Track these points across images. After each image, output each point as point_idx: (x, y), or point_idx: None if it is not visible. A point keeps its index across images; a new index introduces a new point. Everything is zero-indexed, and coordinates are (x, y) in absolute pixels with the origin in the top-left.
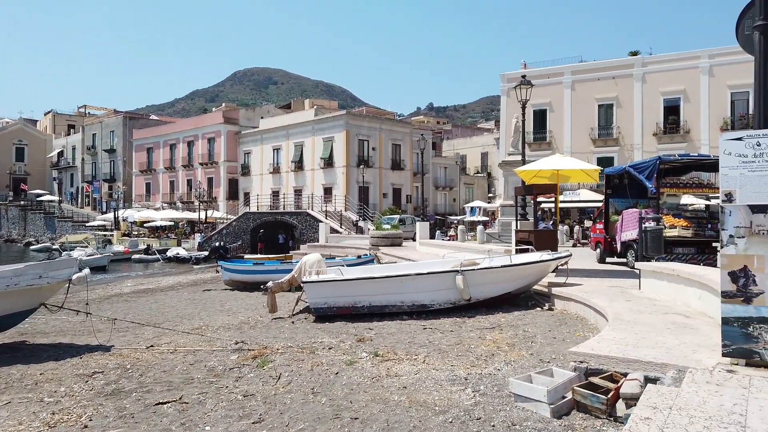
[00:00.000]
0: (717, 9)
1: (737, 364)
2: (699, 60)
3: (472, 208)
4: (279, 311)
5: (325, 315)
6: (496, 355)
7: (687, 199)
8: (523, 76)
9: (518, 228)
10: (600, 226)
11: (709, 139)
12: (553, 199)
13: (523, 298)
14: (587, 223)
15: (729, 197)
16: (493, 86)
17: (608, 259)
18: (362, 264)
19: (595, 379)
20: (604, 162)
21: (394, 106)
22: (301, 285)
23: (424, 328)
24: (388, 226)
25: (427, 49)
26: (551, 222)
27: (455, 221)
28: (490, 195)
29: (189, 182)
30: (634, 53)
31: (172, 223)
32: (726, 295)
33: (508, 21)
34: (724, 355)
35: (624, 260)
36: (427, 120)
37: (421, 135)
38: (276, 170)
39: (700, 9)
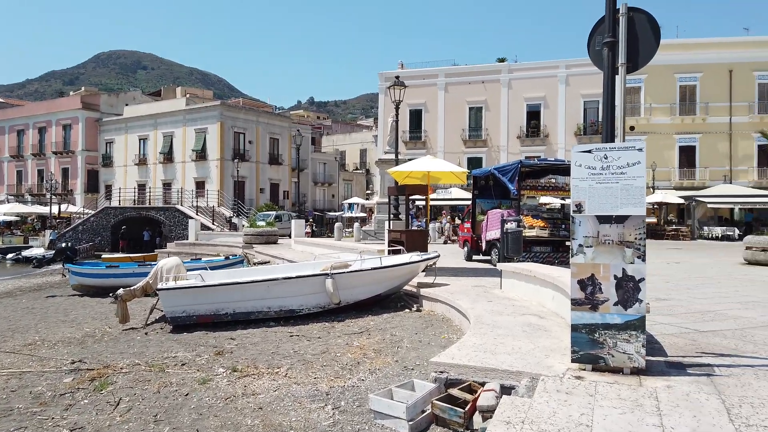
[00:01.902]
0: (575, 22)
1: (585, 370)
2: (557, 69)
3: (350, 204)
4: (132, 321)
5: (183, 324)
6: (362, 363)
7: (544, 199)
8: (397, 77)
9: (391, 228)
10: (468, 225)
11: (565, 143)
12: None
13: (393, 300)
14: (458, 221)
15: (579, 208)
16: (373, 83)
17: (475, 257)
18: (230, 266)
19: (454, 391)
20: (474, 162)
21: (275, 99)
22: (157, 292)
23: (291, 336)
24: (263, 223)
25: (310, 42)
26: (425, 220)
27: (310, 218)
28: (369, 192)
29: (40, 173)
30: (502, 60)
31: (19, 219)
32: (575, 303)
33: (389, 20)
34: (573, 360)
35: (489, 258)
36: (307, 114)
37: (297, 130)
38: (142, 162)
39: (561, 20)
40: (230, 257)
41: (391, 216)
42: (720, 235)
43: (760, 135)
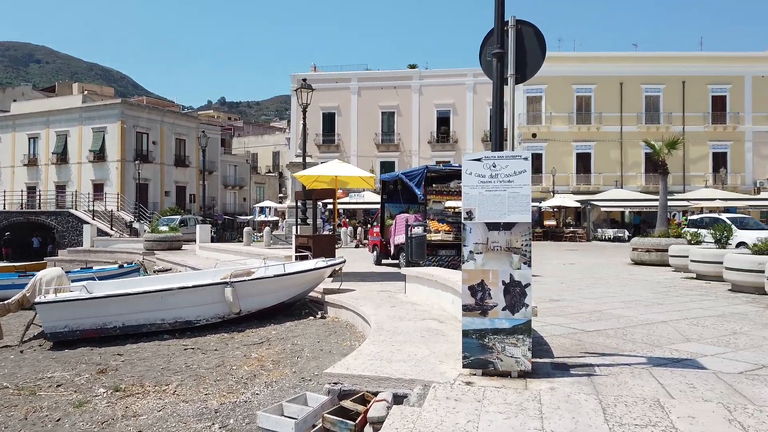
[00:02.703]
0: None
1: (475, 375)
2: (465, 78)
3: (261, 208)
4: (6, 338)
5: (65, 341)
6: (259, 375)
7: (450, 204)
8: (304, 80)
9: (298, 233)
10: (377, 229)
11: (473, 149)
12: (339, 200)
13: (298, 307)
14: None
15: (469, 215)
16: (287, 85)
17: (384, 262)
18: (124, 275)
19: (347, 403)
20: (387, 166)
21: (184, 99)
22: (34, 306)
23: (185, 349)
24: (167, 228)
25: (223, 40)
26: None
27: (219, 221)
28: (281, 195)
29: None
30: (413, 66)
31: None
32: (466, 309)
33: (303, 20)
34: (464, 366)
35: (397, 262)
36: (217, 115)
37: (203, 131)
38: (32, 162)
39: (471, 29)
40: (125, 265)
41: (299, 221)
42: (612, 237)
43: (645, 144)
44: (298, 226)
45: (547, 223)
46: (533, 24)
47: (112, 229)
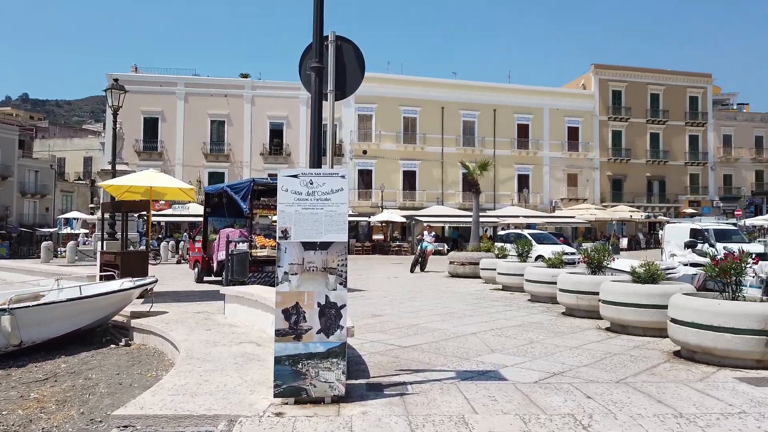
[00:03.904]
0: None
1: (287, 404)
2: (300, 91)
3: (68, 219)
4: None
5: None
6: (36, 421)
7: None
8: (116, 80)
9: (104, 249)
10: (199, 244)
11: (307, 163)
12: (162, 212)
13: (98, 334)
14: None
15: (285, 234)
16: (104, 84)
17: (207, 279)
18: None
19: None
20: (216, 177)
21: None
22: None
23: None
24: None
25: (26, 27)
26: (155, 239)
27: (14, 234)
28: (92, 205)
29: None
30: (245, 75)
31: None
32: (279, 334)
33: (125, 13)
34: (276, 395)
35: (221, 279)
36: (16, 113)
37: None
38: None
39: (306, 42)
40: None
41: (106, 236)
42: (434, 250)
43: (462, 165)
44: (105, 242)
45: (375, 237)
46: (353, 41)
47: None
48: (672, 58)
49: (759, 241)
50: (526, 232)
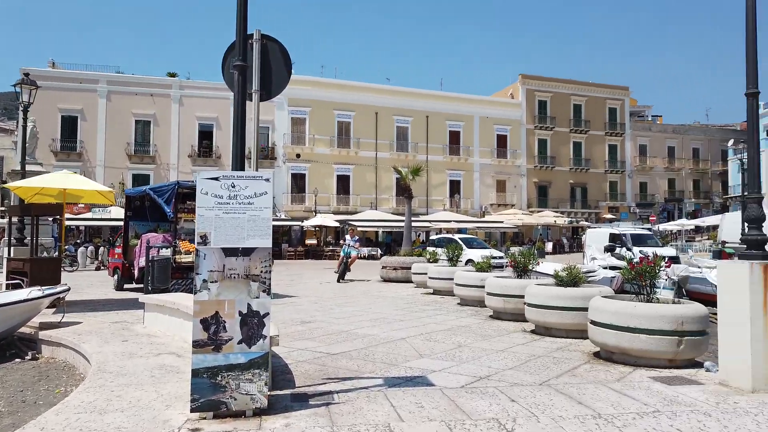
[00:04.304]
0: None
1: (206, 419)
2: (230, 91)
3: None
4: None
5: None
6: None
7: None
8: (26, 74)
9: (11, 256)
10: (119, 250)
11: None
12: (80, 216)
13: (2, 347)
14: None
15: (204, 239)
16: (17, 78)
17: (128, 286)
18: None
19: None
20: (141, 179)
21: None
22: None
23: None
24: None
25: None
26: (73, 244)
27: None
28: (3, 208)
29: None
30: (173, 75)
31: None
32: (197, 345)
33: (40, 9)
34: (193, 410)
35: (142, 287)
36: None
37: None
38: None
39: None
40: None
41: (14, 241)
42: (367, 255)
43: (394, 170)
44: (12, 248)
45: (308, 241)
46: (279, 41)
47: None
48: (594, 70)
49: (671, 246)
50: (456, 236)
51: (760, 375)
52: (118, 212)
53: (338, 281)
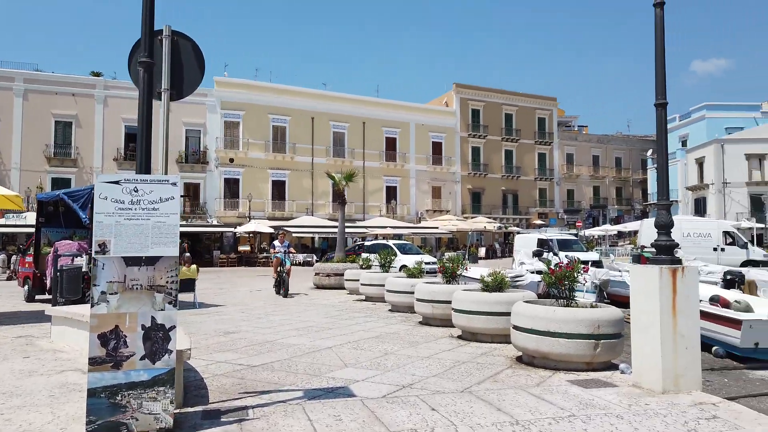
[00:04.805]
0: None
1: None
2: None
3: None
4: None
5: None
6: None
7: None
8: None
9: None
10: (30, 259)
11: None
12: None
13: None
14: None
15: (103, 248)
16: None
17: (38, 297)
18: None
19: None
20: (62, 183)
21: None
22: None
23: None
24: None
25: None
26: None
27: None
28: None
29: None
30: (97, 74)
31: None
32: (94, 362)
33: None
34: None
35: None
36: None
37: None
38: None
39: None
40: None
41: None
42: (302, 261)
43: (328, 176)
44: None
45: (242, 248)
46: (192, 38)
47: None
48: (524, 81)
49: (595, 250)
50: (390, 242)
51: (670, 376)
52: (35, 218)
53: (285, 297)
